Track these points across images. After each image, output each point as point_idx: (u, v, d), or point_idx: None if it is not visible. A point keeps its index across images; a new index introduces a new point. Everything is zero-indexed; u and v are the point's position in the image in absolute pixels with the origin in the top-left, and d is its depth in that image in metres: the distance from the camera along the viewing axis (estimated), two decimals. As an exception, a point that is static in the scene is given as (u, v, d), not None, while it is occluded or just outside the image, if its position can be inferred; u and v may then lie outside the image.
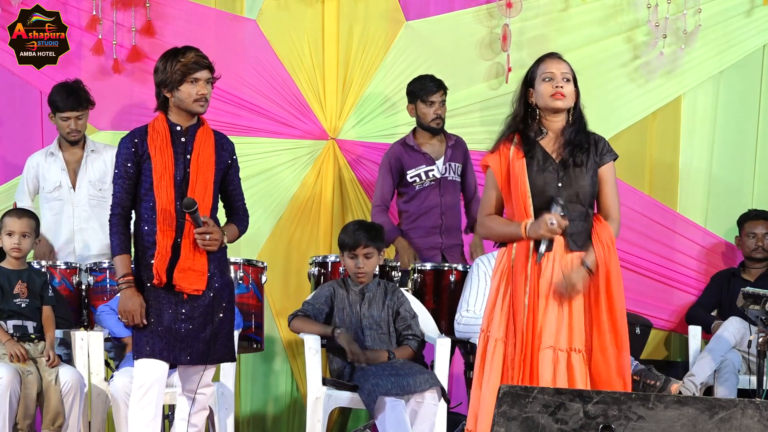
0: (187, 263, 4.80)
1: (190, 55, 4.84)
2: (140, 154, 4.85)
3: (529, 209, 4.52)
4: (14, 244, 5.63)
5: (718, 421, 3.61)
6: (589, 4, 7.20)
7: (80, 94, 6.27)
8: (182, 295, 4.83)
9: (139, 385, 4.88)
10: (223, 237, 4.88)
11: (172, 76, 4.82)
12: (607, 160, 4.60)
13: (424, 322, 6.04)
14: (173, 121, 4.89)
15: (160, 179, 4.81)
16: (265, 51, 7.00)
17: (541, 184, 4.52)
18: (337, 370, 5.87)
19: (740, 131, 7.32)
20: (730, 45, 7.27)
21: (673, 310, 7.22)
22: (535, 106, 4.60)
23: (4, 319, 5.59)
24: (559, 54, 4.67)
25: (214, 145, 4.91)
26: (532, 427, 3.63)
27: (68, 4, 6.81)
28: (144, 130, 4.89)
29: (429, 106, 6.52)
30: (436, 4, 7.15)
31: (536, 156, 4.55)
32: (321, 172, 7.04)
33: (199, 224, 4.79)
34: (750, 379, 6.37)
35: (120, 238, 4.87)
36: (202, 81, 4.83)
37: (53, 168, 6.36)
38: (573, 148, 4.54)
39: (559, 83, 4.54)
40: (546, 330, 4.47)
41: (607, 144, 4.63)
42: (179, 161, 4.85)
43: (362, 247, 5.84)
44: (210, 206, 4.87)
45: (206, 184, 4.86)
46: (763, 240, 6.88)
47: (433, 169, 6.55)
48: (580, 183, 4.54)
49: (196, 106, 4.84)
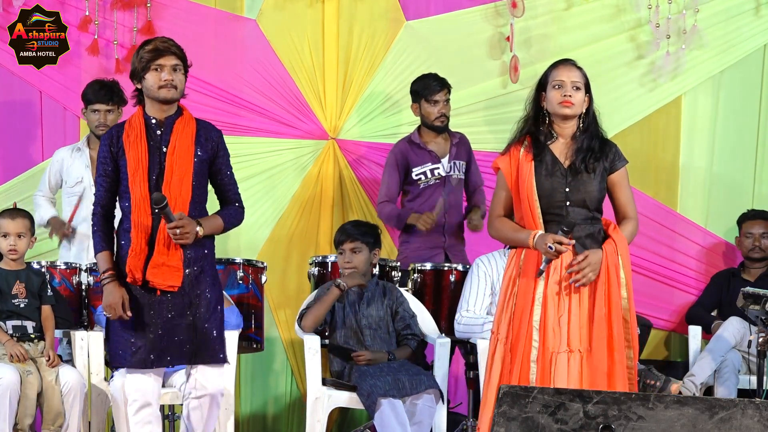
0: (161, 259, 4.71)
1: (153, 43, 4.78)
2: (115, 150, 4.79)
3: (536, 212, 4.56)
4: (11, 246, 5.61)
5: (718, 421, 3.60)
6: (592, 3, 7.20)
7: (113, 88, 6.28)
8: (155, 292, 4.74)
9: (131, 400, 4.85)
10: (196, 230, 4.74)
11: (138, 65, 4.77)
12: (619, 167, 4.66)
13: (423, 322, 6.04)
14: (149, 114, 4.81)
15: (134, 174, 4.74)
16: (265, 51, 6.99)
17: (549, 188, 4.57)
18: (336, 371, 5.88)
19: (741, 131, 7.32)
20: (730, 45, 7.27)
21: (673, 310, 7.21)
22: (546, 110, 4.64)
23: (3, 319, 5.58)
24: (573, 61, 4.70)
25: (195, 136, 4.81)
26: (532, 427, 3.62)
27: (68, 3, 6.81)
28: (121, 126, 4.84)
29: (433, 105, 6.52)
30: (436, 4, 7.15)
31: (545, 160, 4.60)
32: (321, 172, 7.04)
33: (171, 219, 4.68)
34: (750, 379, 6.37)
35: (100, 236, 4.82)
36: (167, 67, 4.73)
37: (77, 164, 6.36)
38: (585, 155, 4.59)
39: (567, 92, 4.58)
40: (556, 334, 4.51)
41: (618, 150, 4.68)
42: (154, 155, 4.76)
43: (349, 242, 5.89)
44: (188, 200, 4.76)
45: (183, 178, 4.75)
46: (760, 240, 6.88)
47: (439, 167, 6.55)
48: (587, 188, 4.58)
49: (163, 92, 4.74)
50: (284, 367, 6.93)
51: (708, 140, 7.30)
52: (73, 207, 6.36)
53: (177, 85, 4.76)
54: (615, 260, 4.55)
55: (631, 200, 4.70)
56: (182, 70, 4.80)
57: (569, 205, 4.58)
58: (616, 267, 4.55)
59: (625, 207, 4.68)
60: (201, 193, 4.85)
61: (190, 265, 4.78)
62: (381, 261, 6.19)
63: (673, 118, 7.28)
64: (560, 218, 4.56)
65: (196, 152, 4.80)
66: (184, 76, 4.82)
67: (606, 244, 4.59)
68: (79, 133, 6.76)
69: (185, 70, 4.82)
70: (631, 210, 4.68)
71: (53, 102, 6.86)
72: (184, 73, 4.81)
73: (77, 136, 6.73)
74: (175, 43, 4.83)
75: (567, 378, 4.47)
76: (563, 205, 4.58)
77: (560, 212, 4.57)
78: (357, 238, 5.91)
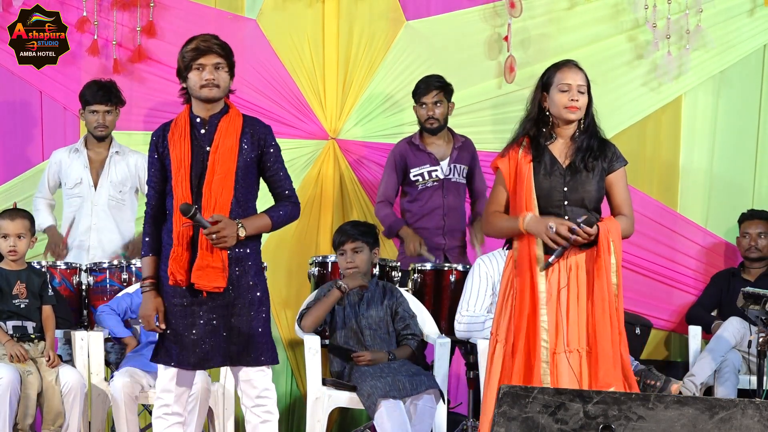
0: (205, 261, 4.65)
1: (195, 41, 4.74)
2: (161, 150, 4.76)
3: (534, 212, 4.55)
4: (11, 247, 5.62)
5: (718, 422, 3.60)
6: (592, 3, 7.20)
7: (111, 89, 6.28)
8: (201, 294, 4.68)
9: (159, 393, 4.83)
10: (237, 231, 4.67)
11: (182, 64, 4.75)
12: (618, 167, 4.66)
13: (424, 322, 6.04)
14: (194, 113, 4.77)
15: (176, 174, 4.69)
16: (266, 51, 7.00)
17: (547, 187, 4.58)
18: (336, 371, 5.88)
19: (741, 131, 7.32)
20: (730, 45, 7.27)
21: (673, 310, 7.21)
22: (547, 111, 4.63)
23: (3, 319, 5.59)
24: (576, 62, 4.69)
25: (240, 133, 4.75)
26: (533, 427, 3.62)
27: (68, 3, 6.81)
28: (167, 125, 4.80)
29: (422, 108, 6.55)
30: (436, 4, 7.15)
31: (544, 160, 4.60)
32: (321, 172, 7.04)
33: (204, 226, 4.62)
34: (750, 379, 6.37)
35: (147, 240, 4.77)
36: (209, 66, 4.69)
37: (76, 164, 6.36)
38: (584, 154, 4.59)
39: (574, 96, 4.58)
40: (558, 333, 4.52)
41: (617, 151, 4.68)
42: (197, 154, 4.71)
43: (350, 242, 5.90)
44: (230, 199, 4.69)
45: (225, 176, 4.68)
46: (757, 240, 6.89)
47: (437, 169, 6.55)
48: (586, 188, 4.59)
49: (204, 92, 4.70)
50: (284, 367, 6.93)
51: (708, 140, 7.30)
52: (71, 215, 6.35)
53: (219, 83, 4.72)
54: (606, 246, 4.52)
55: (628, 201, 4.69)
56: (225, 68, 4.75)
57: (567, 205, 4.58)
58: (608, 251, 4.52)
59: (621, 207, 4.68)
60: (247, 191, 4.78)
61: (232, 265, 4.72)
62: (381, 261, 6.20)
63: (673, 118, 7.29)
64: (559, 217, 4.55)
65: (241, 150, 4.74)
66: (228, 74, 4.76)
67: (600, 223, 4.55)
68: (80, 133, 6.75)
69: (229, 68, 4.77)
70: (627, 209, 4.67)
71: (53, 102, 6.86)
72: (228, 71, 4.76)
73: (77, 136, 6.72)
74: (219, 41, 4.77)
75: (569, 379, 4.47)
76: (561, 205, 4.58)
77: (558, 212, 4.57)
78: (358, 238, 5.92)
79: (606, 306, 4.51)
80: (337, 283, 5.82)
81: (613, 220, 4.61)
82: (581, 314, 4.53)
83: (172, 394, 4.79)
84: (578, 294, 4.54)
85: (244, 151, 4.75)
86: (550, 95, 4.62)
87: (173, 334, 4.72)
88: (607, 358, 4.48)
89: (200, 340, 4.71)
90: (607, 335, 4.50)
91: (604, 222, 4.56)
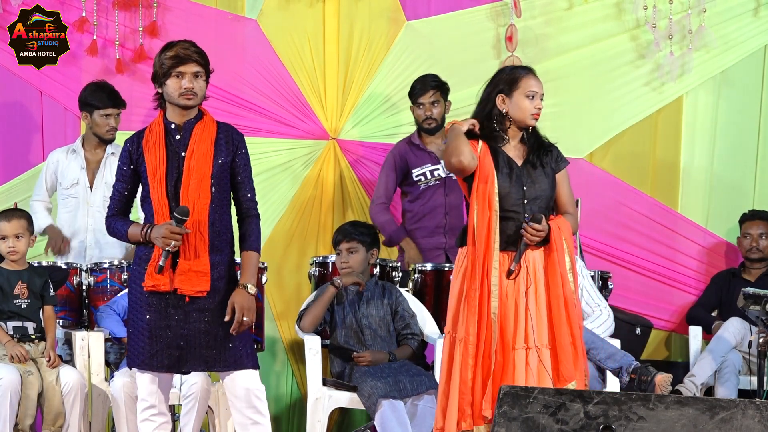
0: (187, 265, 4.68)
1: (175, 49, 4.74)
2: (136, 157, 4.77)
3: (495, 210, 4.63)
4: (10, 248, 5.61)
5: (719, 422, 3.61)
6: (592, 3, 7.19)
7: (117, 92, 6.29)
8: (184, 299, 4.70)
9: (141, 396, 4.85)
10: (249, 294, 4.72)
11: (159, 70, 4.75)
12: (563, 166, 4.83)
13: (424, 322, 6.04)
14: (169, 119, 4.79)
15: (152, 180, 4.71)
16: (266, 51, 6.99)
17: (507, 187, 4.68)
18: (337, 371, 5.88)
19: (741, 131, 7.32)
20: (731, 45, 7.27)
21: (673, 311, 7.21)
22: (505, 113, 4.70)
23: (4, 320, 5.58)
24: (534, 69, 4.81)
25: (214, 139, 4.78)
26: (533, 427, 3.62)
27: (68, 3, 6.81)
28: (142, 132, 4.82)
29: (419, 108, 6.55)
30: (437, 4, 7.15)
31: (500, 161, 4.70)
32: (321, 172, 7.04)
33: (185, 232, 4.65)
34: (750, 380, 6.37)
35: (120, 223, 4.79)
36: (188, 74, 4.71)
37: (72, 165, 6.36)
38: (539, 152, 4.74)
39: (539, 104, 4.72)
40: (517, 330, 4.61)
41: (560, 152, 4.84)
42: (173, 160, 4.74)
43: (345, 241, 5.92)
44: (207, 204, 4.72)
45: (201, 182, 4.71)
46: (759, 240, 6.89)
47: (438, 168, 6.56)
48: (542, 186, 4.73)
49: (182, 100, 4.72)
50: (285, 368, 6.93)
51: (709, 140, 7.30)
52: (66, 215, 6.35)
53: (197, 92, 4.75)
54: (560, 243, 4.66)
55: (572, 199, 4.86)
56: (203, 77, 4.78)
57: (527, 203, 4.69)
58: (561, 248, 4.66)
59: (567, 205, 4.83)
60: (222, 197, 4.80)
61: (215, 271, 4.74)
62: (381, 261, 6.20)
63: (674, 118, 7.28)
64: (518, 216, 4.66)
65: (216, 156, 4.76)
66: (206, 82, 4.79)
67: (551, 221, 4.69)
68: (80, 133, 6.75)
69: (207, 76, 4.80)
70: (571, 207, 4.84)
71: (53, 102, 6.86)
72: (205, 79, 4.79)
73: (77, 137, 6.71)
74: (198, 48, 4.79)
75: (525, 375, 4.56)
76: (521, 203, 4.69)
77: (518, 210, 4.68)
78: (353, 238, 5.92)
79: (561, 302, 4.63)
80: (332, 280, 5.84)
81: (563, 218, 4.75)
82: (540, 311, 4.62)
83: (155, 395, 4.82)
84: (536, 292, 4.65)
85: (218, 156, 4.77)
86: (512, 98, 4.70)
87: (147, 336, 4.73)
88: (567, 354, 4.60)
89: (173, 342, 4.72)
90: (565, 331, 4.62)
91: (554, 221, 4.70)
